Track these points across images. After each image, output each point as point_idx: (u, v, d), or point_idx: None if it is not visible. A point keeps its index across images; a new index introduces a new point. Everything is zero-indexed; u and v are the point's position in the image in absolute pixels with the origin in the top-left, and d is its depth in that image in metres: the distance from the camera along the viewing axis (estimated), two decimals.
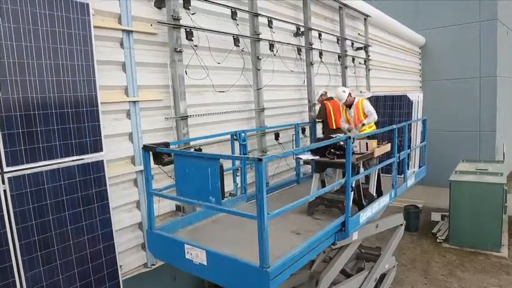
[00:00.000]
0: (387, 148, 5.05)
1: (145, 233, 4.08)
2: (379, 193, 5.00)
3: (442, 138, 12.55)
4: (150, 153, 3.69)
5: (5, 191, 2.94)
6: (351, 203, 4.06)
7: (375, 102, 6.56)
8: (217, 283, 3.40)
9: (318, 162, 4.59)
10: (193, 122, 4.73)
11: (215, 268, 3.21)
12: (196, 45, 4.67)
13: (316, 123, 6.98)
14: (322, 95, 6.74)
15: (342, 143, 4.38)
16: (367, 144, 4.66)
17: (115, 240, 3.67)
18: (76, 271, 3.37)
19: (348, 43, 8.52)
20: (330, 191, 4.15)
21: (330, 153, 4.44)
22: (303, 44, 6.97)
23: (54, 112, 3.21)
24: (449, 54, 13.69)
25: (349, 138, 3.85)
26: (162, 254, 3.86)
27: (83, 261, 3.42)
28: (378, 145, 4.94)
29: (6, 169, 2.95)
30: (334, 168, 4.99)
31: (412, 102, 6.57)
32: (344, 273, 5.36)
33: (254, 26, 5.68)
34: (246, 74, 5.62)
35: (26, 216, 3.05)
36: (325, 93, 6.78)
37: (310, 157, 4.61)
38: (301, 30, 6.86)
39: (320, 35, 7.34)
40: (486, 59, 12.97)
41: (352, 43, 8.75)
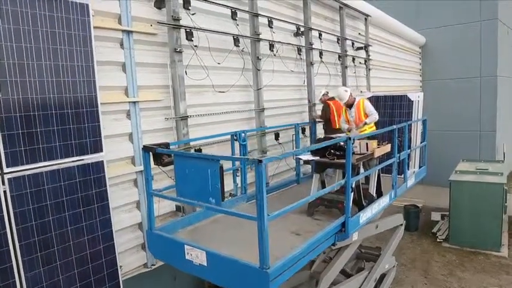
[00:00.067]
0: (387, 148, 5.05)
1: (145, 233, 4.09)
2: (379, 193, 5.00)
3: (442, 138, 12.55)
4: (150, 153, 3.69)
5: (5, 192, 2.95)
6: (351, 203, 4.07)
7: (375, 102, 6.54)
8: (217, 284, 3.40)
9: (318, 162, 4.59)
10: (193, 122, 4.73)
11: (215, 269, 3.21)
12: (196, 46, 4.67)
13: (316, 123, 6.97)
14: (324, 95, 6.74)
15: (342, 144, 4.38)
16: (367, 144, 4.66)
17: (115, 240, 3.68)
18: (76, 271, 3.38)
19: (348, 43, 8.51)
20: (330, 191, 4.15)
21: (330, 154, 4.44)
22: (303, 44, 6.96)
23: (54, 113, 3.21)
24: (450, 54, 13.67)
25: (349, 138, 3.85)
26: (162, 254, 3.86)
27: (83, 261, 3.43)
28: (378, 145, 4.94)
29: (6, 170, 2.95)
30: (334, 168, 4.99)
31: (412, 102, 6.56)
32: (344, 273, 5.36)
33: (254, 26, 5.68)
34: (246, 74, 5.61)
35: (26, 216, 3.06)
36: (326, 93, 6.77)
37: (310, 157, 4.61)
38: (302, 30, 6.85)
39: (320, 34, 7.33)
40: (486, 59, 12.96)
41: (352, 43, 8.73)
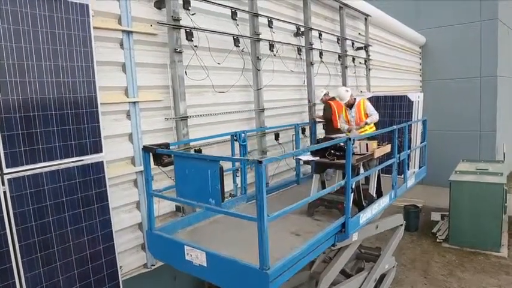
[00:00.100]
0: (387, 149, 5.05)
1: (145, 233, 4.09)
2: (379, 194, 5.00)
3: (442, 138, 12.54)
4: (150, 154, 3.69)
5: (4, 193, 2.95)
6: (351, 204, 4.07)
7: (375, 103, 6.54)
8: (217, 284, 3.41)
9: (318, 163, 4.59)
10: (193, 122, 4.73)
11: (215, 270, 3.21)
12: (196, 46, 4.67)
13: (316, 124, 6.97)
14: (326, 95, 6.73)
15: (342, 144, 4.37)
16: (367, 145, 4.66)
17: (115, 241, 3.68)
18: (76, 272, 3.38)
19: (348, 43, 8.50)
20: (330, 191, 4.15)
21: (330, 154, 4.43)
22: (303, 44, 6.95)
23: (54, 113, 3.21)
24: (450, 54, 13.67)
25: (349, 139, 3.85)
26: (162, 255, 3.86)
27: (83, 262, 3.43)
28: (378, 146, 4.94)
29: (6, 170, 2.95)
30: (334, 169, 4.99)
31: (412, 102, 6.56)
32: (344, 273, 5.36)
33: (254, 26, 5.67)
34: (246, 74, 5.61)
35: (25, 217, 3.06)
36: (327, 93, 6.76)
37: (310, 158, 4.61)
38: (302, 30, 6.84)
39: (320, 34, 7.32)
40: (487, 59, 12.95)
41: (352, 43, 8.72)
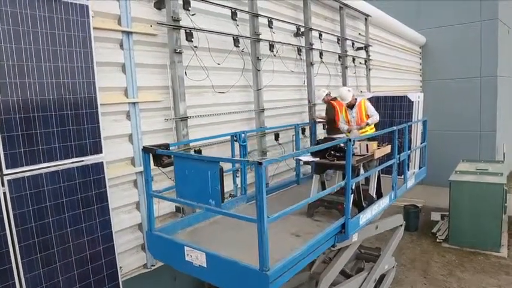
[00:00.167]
0: (387, 150, 5.04)
1: (145, 234, 4.09)
2: (379, 194, 4.99)
3: (442, 138, 12.53)
4: (150, 154, 3.69)
5: (4, 194, 2.95)
6: (351, 204, 4.06)
7: (375, 103, 6.53)
8: (217, 285, 3.41)
9: (318, 163, 4.59)
10: (193, 123, 4.73)
11: (215, 270, 3.21)
12: (196, 46, 4.66)
13: (316, 124, 6.96)
14: (327, 95, 6.71)
15: (342, 145, 4.37)
16: (368, 146, 4.65)
17: (115, 241, 3.68)
18: (76, 273, 3.38)
19: (349, 43, 8.50)
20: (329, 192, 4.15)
21: (330, 155, 4.43)
22: (303, 44, 6.94)
23: (54, 114, 3.21)
24: (450, 54, 13.66)
25: (349, 140, 3.85)
26: (162, 255, 3.86)
27: (83, 262, 3.43)
28: (378, 147, 4.93)
29: (5, 171, 2.95)
30: (334, 169, 4.99)
31: (412, 102, 6.55)
32: (344, 273, 5.36)
33: (254, 26, 5.66)
34: (246, 75, 5.60)
35: (25, 218, 3.06)
36: (329, 93, 6.75)
37: (310, 158, 4.61)
38: (302, 30, 6.83)
39: (320, 35, 7.31)
40: (487, 59, 12.95)
41: (352, 43, 8.72)
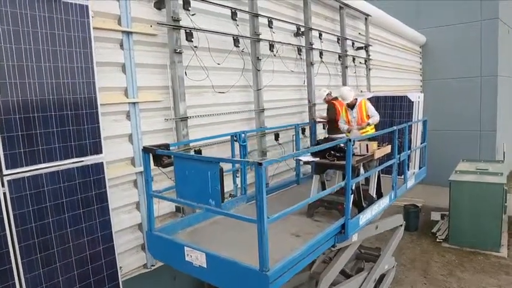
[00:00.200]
0: (387, 150, 5.04)
1: (145, 234, 4.09)
2: (379, 194, 5.00)
3: (443, 138, 12.53)
4: (150, 155, 3.68)
5: (4, 194, 2.95)
6: (351, 204, 4.06)
7: (375, 103, 6.51)
8: (216, 285, 3.41)
9: (318, 163, 4.59)
10: (193, 123, 4.73)
11: (215, 271, 3.21)
12: (196, 46, 4.66)
13: (316, 124, 6.96)
14: (328, 95, 6.70)
15: (342, 145, 4.37)
16: (368, 146, 4.65)
17: (115, 241, 3.68)
18: (76, 273, 3.38)
19: (349, 43, 8.49)
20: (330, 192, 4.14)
21: (330, 155, 4.43)
22: (303, 44, 6.94)
23: (54, 114, 3.21)
24: (450, 53, 13.65)
25: (349, 140, 3.85)
26: (161, 255, 3.86)
27: (83, 262, 3.43)
28: (379, 147, 4.93)
29: (5, 172, 2.95)
30: (335, 170, 4.98)
31: (412, 103, 6.55)
32: (344, 273, 5.37)
33: (254, 26, 5.66)
34: (246, 75, 5.60)
35: (25, 218, 3.06)
36: (330, 93, 6.74)
37: (310, 159, 4.61)
38: (302, 30, 6.83)
39: (320, 34, 7.31)
40: (487, 58, 12.94)
41: (352, 43, 8.71)
